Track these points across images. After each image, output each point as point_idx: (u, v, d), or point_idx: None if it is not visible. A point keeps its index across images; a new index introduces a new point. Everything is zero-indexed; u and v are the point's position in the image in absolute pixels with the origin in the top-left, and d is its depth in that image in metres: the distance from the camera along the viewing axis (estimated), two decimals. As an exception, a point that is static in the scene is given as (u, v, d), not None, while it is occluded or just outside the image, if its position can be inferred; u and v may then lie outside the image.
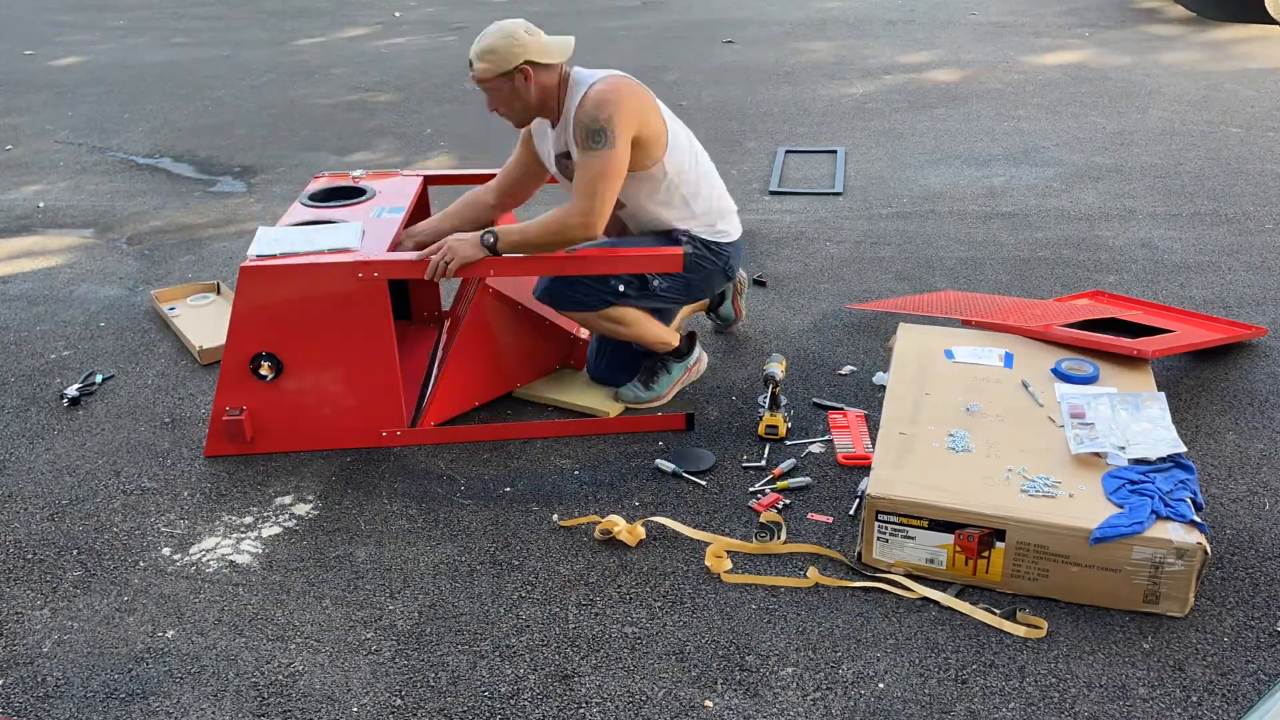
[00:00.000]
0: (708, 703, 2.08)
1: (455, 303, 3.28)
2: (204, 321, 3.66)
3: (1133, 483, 2.31)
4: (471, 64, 2.82)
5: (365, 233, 2.96)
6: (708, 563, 2.43)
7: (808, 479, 2.72)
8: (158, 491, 2.82)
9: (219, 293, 3.89)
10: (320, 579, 2.47)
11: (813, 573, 2.39)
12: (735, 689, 2.11)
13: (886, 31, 7.78)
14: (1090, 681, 2.09)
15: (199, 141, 5.85)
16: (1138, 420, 2.54)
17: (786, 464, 2.78)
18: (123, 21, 9.45)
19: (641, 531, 2.53)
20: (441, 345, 3.29)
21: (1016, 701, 2.05)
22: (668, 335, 3.11)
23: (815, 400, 3.07)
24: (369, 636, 2.29)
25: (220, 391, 2.88)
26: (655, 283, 2.94)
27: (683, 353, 3.14)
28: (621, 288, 2.92)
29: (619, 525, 2.52)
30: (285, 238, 2.92)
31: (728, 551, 2.46)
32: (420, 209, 3.46)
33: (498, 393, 3.12)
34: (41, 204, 4.99)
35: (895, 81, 6.44)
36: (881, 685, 2.11)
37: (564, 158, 2.93)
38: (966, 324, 3.15)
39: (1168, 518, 2.20)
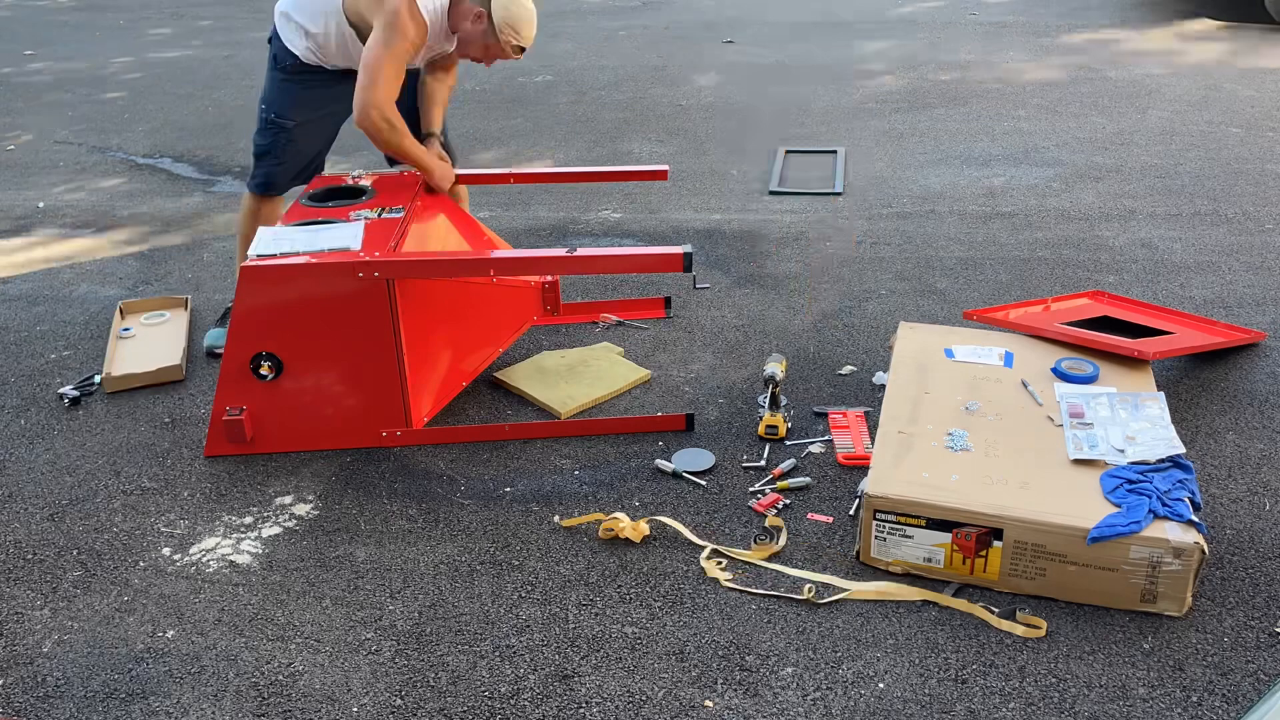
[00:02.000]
0: (708, 703, 2.08)
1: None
2: (147, 343, 3.54)
3: (1131, 482, 2.31)
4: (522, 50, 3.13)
5: (365, 233, 2.96)
6: (704, 566, 2.43)
7: (808, 479, 2.73)
8: (158, 491, 2.82)
9: (186, 308, 3.76)
10: (320, 579, 2.48)
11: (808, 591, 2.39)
12: (735, 689, 2.11)
13: (886, 31, 7.78)
14: (1090, 681, 2.09)
15: (199, 141, 5.85)
16: (1137, 420, 2.55)
17: (786, 464, 2.79)
18: (123, 21, 9.46)
19: (645, 528, 2.53)
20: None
21: (1016, 701, 2.05)
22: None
23: (815, 409, 3.06)
24: (369, 636, 2.29)
25: (220, 391, 2.88)
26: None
27: None
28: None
29: (623, 523, 2.52)
30: (286, 238, 2.92)
31: (725, 556, 2.47)
32: (425, 207, 3.45)
33: (478, 369, 3.14)
34: (41, 204, 4.99)
35: (895, 81, 6.44)
36: (881, 685, 2.11)
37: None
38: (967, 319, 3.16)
39: (1165, 517, 2.20)
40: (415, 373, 2.93)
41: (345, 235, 2.91)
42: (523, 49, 3.13)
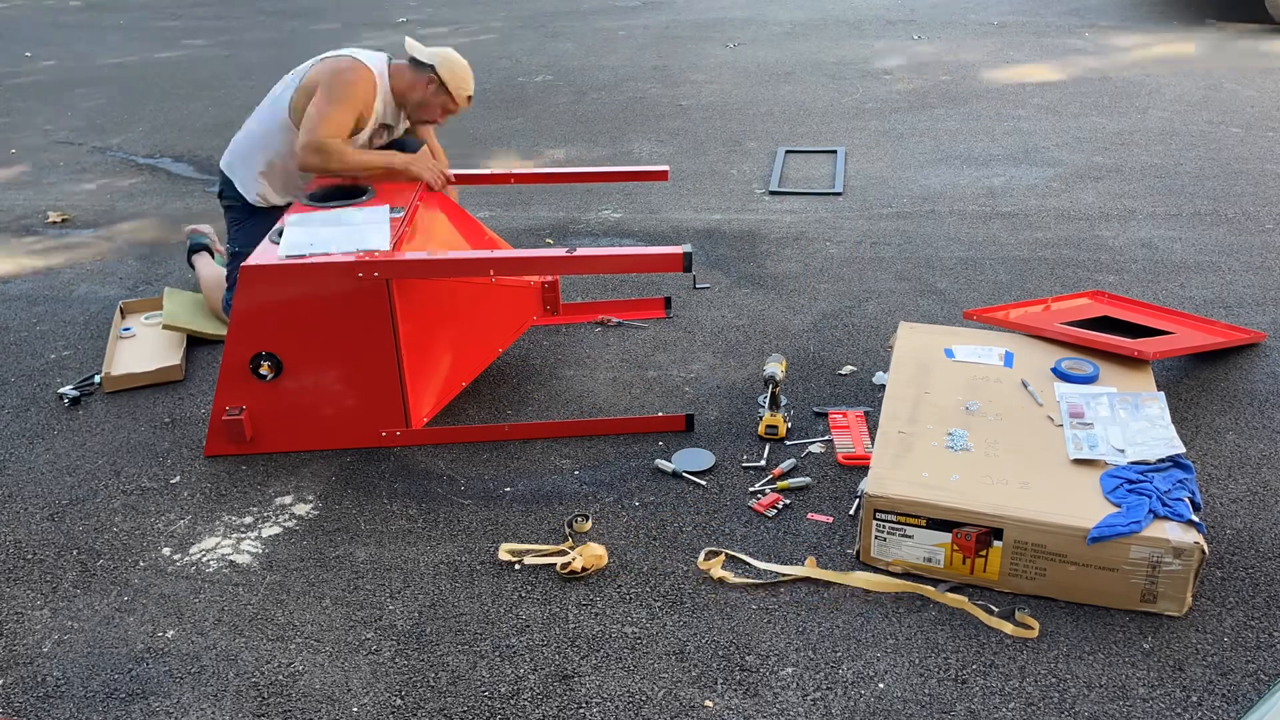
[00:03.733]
0: (708, 703, 2.08)
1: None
2: (147, 343, 3.55)
3: (1131, 482, 2.31)
4: (471, 98, 3.39)
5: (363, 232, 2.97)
6: (702, 567, 2.43)
7: (808, 479, 2.73)
8: (158, 491, 2.82)
9: None
10: (320, 579, 2.48)
11: (810, 563, 2.39)
12: (735, 689, 2.11)
13: (886, 31, 7.78)
14: (1090, 681, 2.09)
15: (199, 141, 5.85)
16: (1137, 420, 2.55)
17: (786, 464, 2.79)
18: (122, 21, 9.46)
19: (599, 550, 2.47)
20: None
21: (1016, 701, 2.05)
22: None
23: (815, 409, 3.07)
24: (369, 636, 2.29)
25: (220, 391, 2.88)
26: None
27: None
28: None
29: (574, 558, 2.44)
30: (314, 237, 2.92)
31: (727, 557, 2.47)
32: (425, 208, 3.45)
33: (477, 369, 3.15)
34: (42, 204, 4.99)
35: (895, 81, 6.44)
36: (881, 685, 2.11)
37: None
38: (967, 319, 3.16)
39: (1165, 517, 2.20)
40: (415, 373, 2.93)
41: (371, 236, 2.91)
42: (471, 98, 3.41)
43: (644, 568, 2.46)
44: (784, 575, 2.39)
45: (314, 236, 2.92)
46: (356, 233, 2.95)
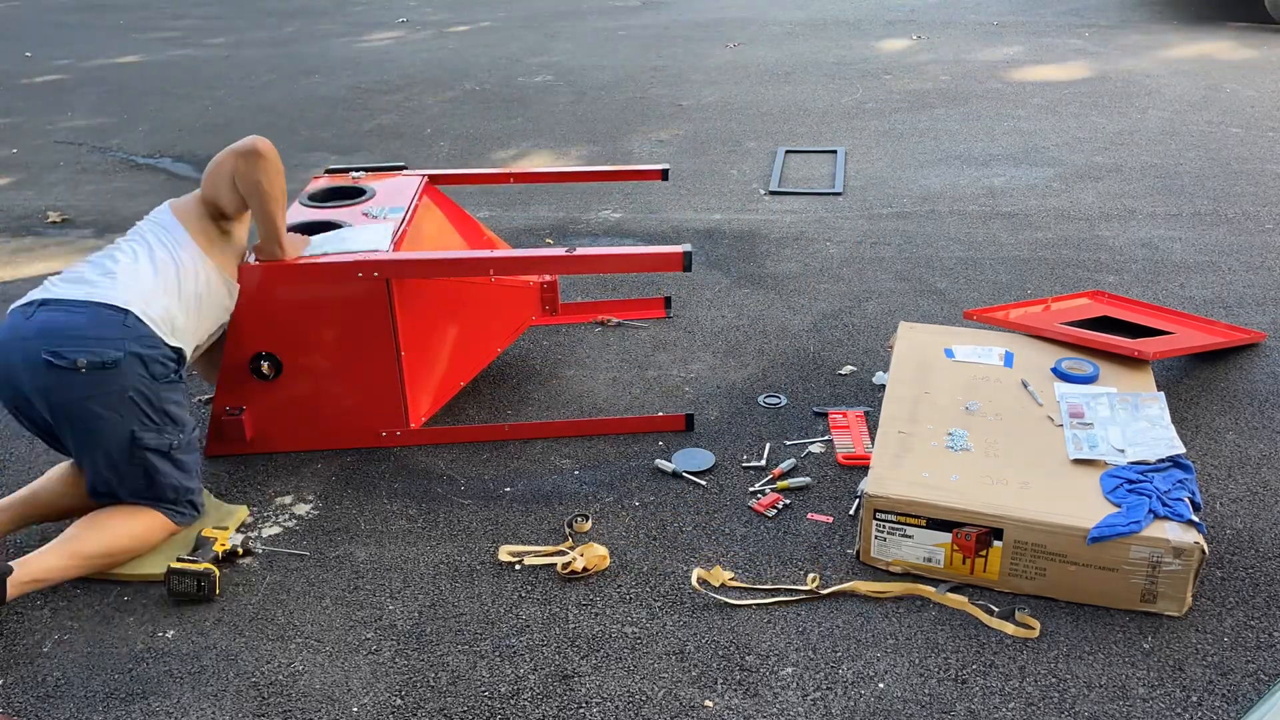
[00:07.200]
0: (708, 703, 2.08)
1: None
2: None
3: (1131, 482, 2.31)
4: None
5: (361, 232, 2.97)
6: (704, 577, 2.42)
7: (808, 479, 2.72)
8: (158, 491, 2.82)
9: None
10: (320, 579, 2.48)
11: (812, 580, 2.39)
12: (735, 689, 2.11)
13: (886, 31, 7.78)
14: (1090, 681, 2.09)
15: (199, 141, 5.85)
16: (1136, 420, 2.55)
17: (786, 464, 2.79)
18: (122, 21, 9.46)
19: (602, 551, 2.47)
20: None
21: (1016, 701, 2.05)
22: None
23: (815, 409, 3.07)
24: (369, 636, 2.29)
25: (220, 391, 2.88)
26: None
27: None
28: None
29: (576, 558, 2.44)
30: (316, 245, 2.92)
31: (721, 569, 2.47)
32: (424, 207, 3.46)
33: (476, 369, 3.15)
34: (42, 204, 4.99)
35: (895, 81, 6.44)
36: (881, 685, 2.11)
37: None
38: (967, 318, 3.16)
39: (1165, 517, 2.20)
40: (414, 373, 2.93)
41: (375, 237, 2.91)
42: None
43: (644, 568, 2.46)
44: (786, 592, 2.39)
45: (313, 236, 2.92)
46: (356, 233, 2.95)
